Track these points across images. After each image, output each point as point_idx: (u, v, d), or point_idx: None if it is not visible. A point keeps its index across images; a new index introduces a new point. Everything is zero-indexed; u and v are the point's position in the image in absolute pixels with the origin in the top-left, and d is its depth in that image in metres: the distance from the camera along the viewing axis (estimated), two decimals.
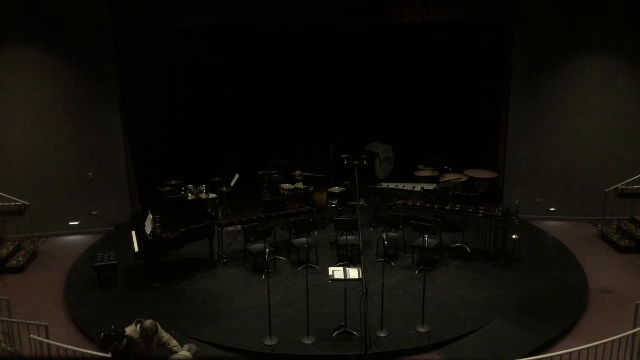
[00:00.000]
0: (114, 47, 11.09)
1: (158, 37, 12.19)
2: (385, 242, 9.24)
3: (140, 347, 5.51)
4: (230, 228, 10.34)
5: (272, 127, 13.53)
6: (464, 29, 12.27)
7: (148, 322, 5.63)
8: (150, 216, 9.59)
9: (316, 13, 11.20)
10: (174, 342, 5.84)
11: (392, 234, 10.04)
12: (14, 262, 10.02)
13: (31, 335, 6.64)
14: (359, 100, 13.60)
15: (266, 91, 13.55)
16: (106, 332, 5.30)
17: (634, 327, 6.78)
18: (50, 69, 10.80)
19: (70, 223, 11.47)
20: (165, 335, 5.83)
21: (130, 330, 5.62)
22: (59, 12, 10.54)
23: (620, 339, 6.45)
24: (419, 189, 11.26)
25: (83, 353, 6.50)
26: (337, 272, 7.45)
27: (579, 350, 6.31)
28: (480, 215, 9.69)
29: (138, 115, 12.26)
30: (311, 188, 11.56)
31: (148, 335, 5.58)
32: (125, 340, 5.29)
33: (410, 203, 10.62)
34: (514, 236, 9.58)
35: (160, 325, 5.81)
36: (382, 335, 7.52)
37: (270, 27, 12.16)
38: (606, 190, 11.10)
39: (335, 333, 7.55)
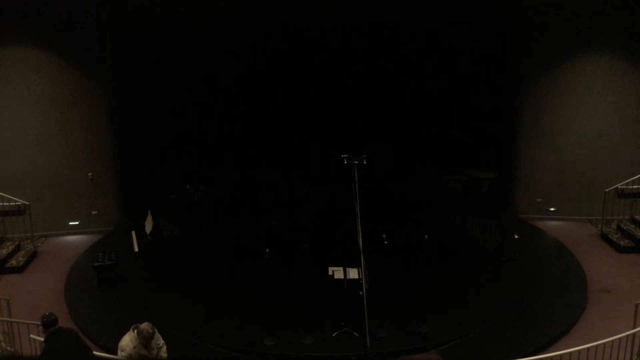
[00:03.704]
0: (115, 49, 11.09)
1: (158, 39, 12.18)
2: (385, 242, 9.25)
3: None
4: None
5: (271, 126, 13.52)
6: (468, 30, 12.25)
7: (144, 325, 5.59)
8: (150, 216, 9.59)
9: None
10: (164, 349, 5.80)
11: None
12: (14, 262, 10.02)
13: (31, 335, 6.64)
14: (358, 99, 13.61)
15: (264, 90, 13.55)
16: (44, 318, 5.62)
17: (634, 327, 6.78)
18: (52, 71, 10.79)
19: (70, 223, 11.47)
20: (161, 341, 5.79)
21: (128, 339, 5.59)
22: (60, 14, 10.54)
23: (620, 339, 6.45)
24: None
25: None
26: (337, 272, 7.46)
27: (579, 350, 6.31)
28: (480, 215, 9.69)
29: (138, 115, 12.25)
30: None
31: (145, 337, 5.55)
32: (54, 328, 5.53)
33: None
34: (514, 236, 9.60)
35: (161, 326, 5.78)
36: (382, 335, 7.52)
37: (267, 24, 12.15)
38: (606, 190, 11.09)
39: (335, 333, 7.55)
